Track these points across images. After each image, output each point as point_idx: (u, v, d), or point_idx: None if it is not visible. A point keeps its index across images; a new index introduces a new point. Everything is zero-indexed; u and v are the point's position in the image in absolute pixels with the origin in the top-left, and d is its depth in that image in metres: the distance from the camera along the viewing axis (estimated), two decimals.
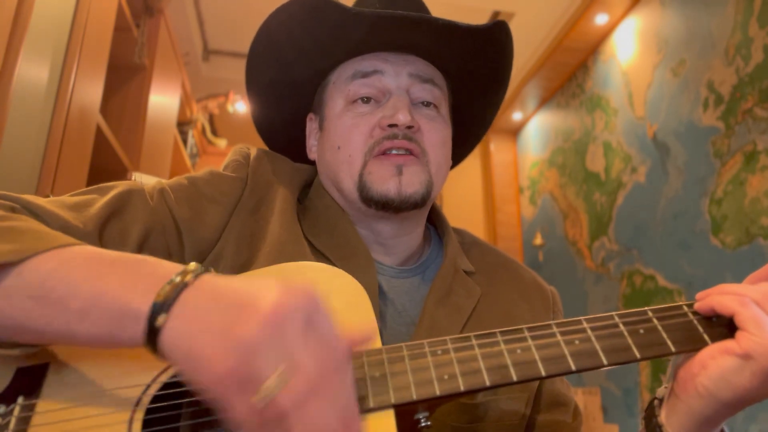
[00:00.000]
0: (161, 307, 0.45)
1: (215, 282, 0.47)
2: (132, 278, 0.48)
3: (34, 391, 0.53)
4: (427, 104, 0.80)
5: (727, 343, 0.53)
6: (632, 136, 2.70)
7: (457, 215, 3.76)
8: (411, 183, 0.74)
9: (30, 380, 0.53)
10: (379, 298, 0.75)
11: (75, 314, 0.48)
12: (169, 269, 0.48)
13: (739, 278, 0.61)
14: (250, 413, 0.41)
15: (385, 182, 0.74)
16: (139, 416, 0.52)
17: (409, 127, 0.75)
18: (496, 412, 0.72)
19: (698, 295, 0.58)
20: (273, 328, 0.42)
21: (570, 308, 2.71)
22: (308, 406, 0.41)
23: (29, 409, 0.52)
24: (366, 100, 0.78)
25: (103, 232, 0.66)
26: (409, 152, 0.75)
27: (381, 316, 0.74)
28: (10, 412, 0.51)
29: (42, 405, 0.52)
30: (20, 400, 0.52)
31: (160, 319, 0.45)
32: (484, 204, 3.97)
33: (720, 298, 0.56)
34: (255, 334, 0.42)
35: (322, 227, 0.78)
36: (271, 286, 0.45)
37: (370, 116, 0.77)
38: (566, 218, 3.25)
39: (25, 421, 0.51)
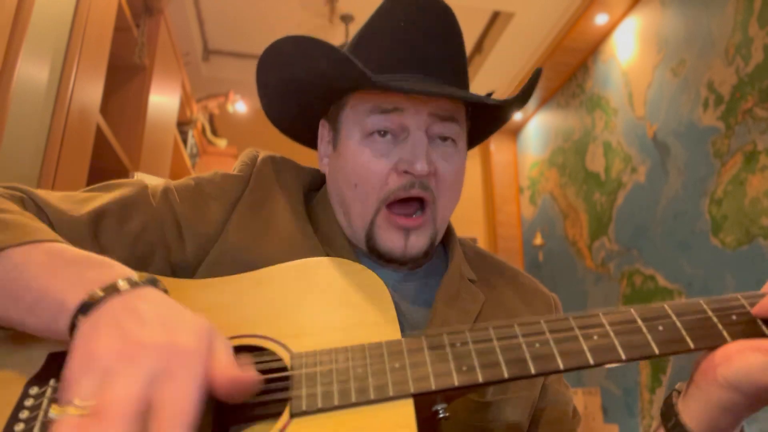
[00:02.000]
0: (87, 307, 0.48)
1: (146, 296, 0.49)
2: (76, 279, 0.51)
3: None
4: (445, 139, 0.79)
5: (762, 342, 0.53)
6: (632, 136, 2.70)
7: (457, 215, 3.74)
8: (416, 245, 0.77)
9: (61, 364, 0.55)
10: None
11: (26, 307, 0.52)
12: (115, 274, 0.51)
13: (739, 278, 0.61)
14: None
15: (392, 242, 0.76)
16: None
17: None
18: (505, 412, 0.73)
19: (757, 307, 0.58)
20: (117, 357, 0.42)
21: (570, 308, 2.71)
22: None
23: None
24: (383, 133, 0.77)
25: (99, 226, 0.69)
26: (421, 200, 0.77)
27: None
28: (43, 394, 0.53)
29: None
30: (52, 382, 0.54)
31: (79, 318, 0.48)
32: (484, 204, 3.97)
33: None
34: (96, 352, 0.43)
35: (323, 235, 0.80)
36: (180, 326, 0.46)
37: (387, 158, 0.76)
38: (566, 218, 3.25)
39: (56, 402, 0.52)
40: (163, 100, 2.36)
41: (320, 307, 0.61)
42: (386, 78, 0.74)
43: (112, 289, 0.49)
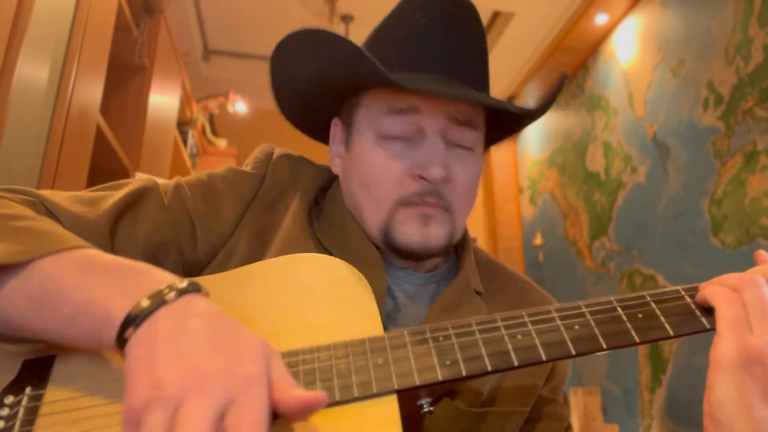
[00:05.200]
0: (134, 319, 0.46)
1: (196, 308, 0.47)
2: (117, 287, 0.49)
3: (42, 382, 0.54)
4: (462, 146, 0.76)
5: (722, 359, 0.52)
6: (632, 136, 2.70)
7: None
8: (436, 236, 0.73)
9: (37, 371, 0.54)
10: (392, 301, 0.76)
11: (65, 319, 0.50)
12: (156, 281, 0.49)
13: None
14: None
15: (412, 235, 0.72)
16: None
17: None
18: (494, 424, 0.71)
19: (701, 285, 0.58)
20: (180, 385, 0.41)
21: None
22: None
23: (37, 399, 0.53)
24: (399, 137, 0.74)
25: (115, 228, 0.67)
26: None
27: (391, 320, 0.73)
28: (18, 402, 0.52)
29: (49, 395, 0.53)
30: (28, 390, 0.53)
31: (128, 332, 0.46)
32: (484, 204, 3.97)
33: (710, 287, 0.56)
34: (165, 381, 0.42)
35: (333, 228, 0.78)
36: (229, 343, 0.44)
37: (402, 159, 0.73)
38: (566, 218, 3.25)
39: (33, 411, 0.52)
40: (163, 100, 2.35)
41: (302, 304, 0.60)
42: (403, 77, 0.70)
43: (158, 299, 0.47)
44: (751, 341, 0.51)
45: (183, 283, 0.49)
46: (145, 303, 0.47)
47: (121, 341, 0.46)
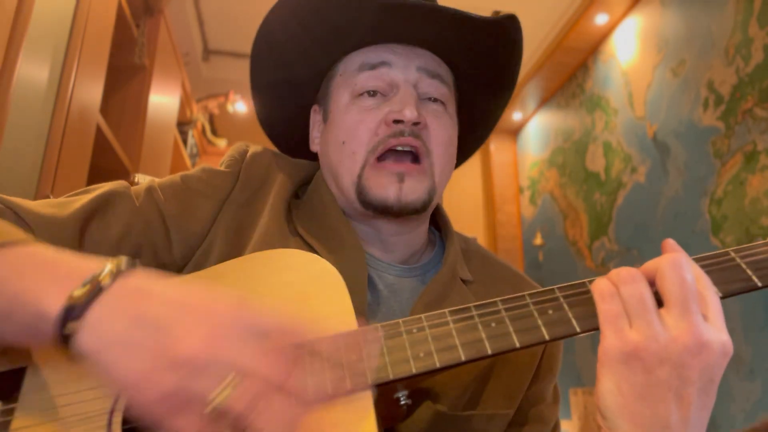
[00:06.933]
0: (71, 311, 0.43)
1: (138, 287, 0.45)
2: (50, 276, 0.47)
3: (12, 395, 0.53)
4: (434, 100, 0.77)
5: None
6: (632, 136, 2.70)
7: (457, 215, 3.76)
8: (413, 191, 0.73)
9: (7, 385, 0.53)
10: (373, 294, 0.74)
11: (1, 314, 0.47)
12: (89, 267, 0.46)
13: None
14: (200, 426, 0.41)
15: (385, 188, 0.73)
16: (119, 413, 0.52)
17: (416, 124, 0.73)
18: (476, 428, 0.70)
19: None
20: (214, 341, 0.42)
21: None
22: (266, 403, 0.41)
23: (8, 413, 0.52)
24: (372, 93, 0.76)
25: (85, 229, 0.66)
26: (414, 150, 0.74)
27: (372, 313, 0.72)
28: None
29: (21, 409, 0.52)
30: None
31: (70, 327, 0.43)
32: (484, 204, 3.97)
33: (596, 281, 0.55)
34: (195, 351, 0.41)
35: (314, 219, 0.77)
36: (201, 296, 0.45)
37: (376, 111, 0.75)
38: (566, 218, 3.25)
39: (5, 426, 0.51)
40: (163, 100, 2.35)
41: (275, 300, 0.59)
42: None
43: (92, 287, 0.44)
44: (628, 336, 0.51)
45: (118, 264, 0.46)
46: (79, 291, 0.44)
47: (65, 338, 0.43)
